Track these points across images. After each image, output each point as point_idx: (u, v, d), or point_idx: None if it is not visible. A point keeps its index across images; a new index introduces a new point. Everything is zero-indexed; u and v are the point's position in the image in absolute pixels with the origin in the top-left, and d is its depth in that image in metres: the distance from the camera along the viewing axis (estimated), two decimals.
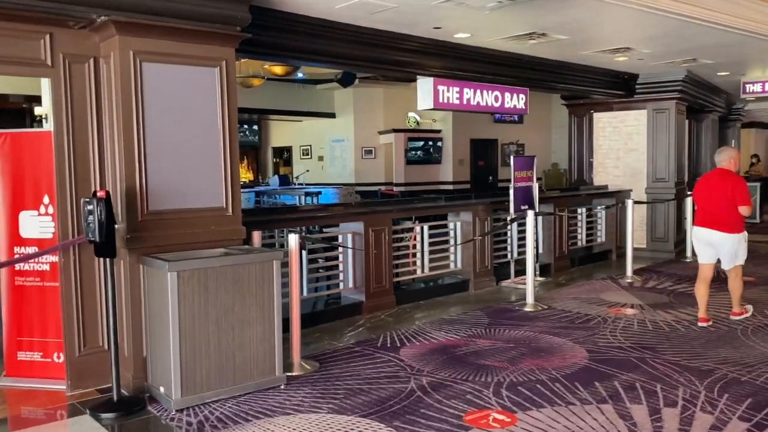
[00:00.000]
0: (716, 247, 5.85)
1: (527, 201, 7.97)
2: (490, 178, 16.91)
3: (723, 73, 10.10)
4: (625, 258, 10.10)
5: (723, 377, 4.44)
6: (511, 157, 7.79)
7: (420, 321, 6.22)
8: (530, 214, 6.70)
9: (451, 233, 7.59)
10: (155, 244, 4.32)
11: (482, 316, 6.38)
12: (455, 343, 5.42)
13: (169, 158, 4.41)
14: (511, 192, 7.72)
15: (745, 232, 5.84)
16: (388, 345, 5.38)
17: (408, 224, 7.45)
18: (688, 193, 10.10)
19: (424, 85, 7.06)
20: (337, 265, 6.55)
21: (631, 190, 10.30)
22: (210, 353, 4.12)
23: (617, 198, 10.07)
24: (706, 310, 5.94)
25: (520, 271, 8.15)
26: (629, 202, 8.39)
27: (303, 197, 11.58)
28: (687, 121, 11.23)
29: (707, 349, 5.14)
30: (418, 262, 7.31)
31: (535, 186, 8.07)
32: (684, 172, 10.73)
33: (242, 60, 11.13)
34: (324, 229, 7.05)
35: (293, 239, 4.84)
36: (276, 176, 15.80)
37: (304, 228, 6.75)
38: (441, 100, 7.09)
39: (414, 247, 7.33)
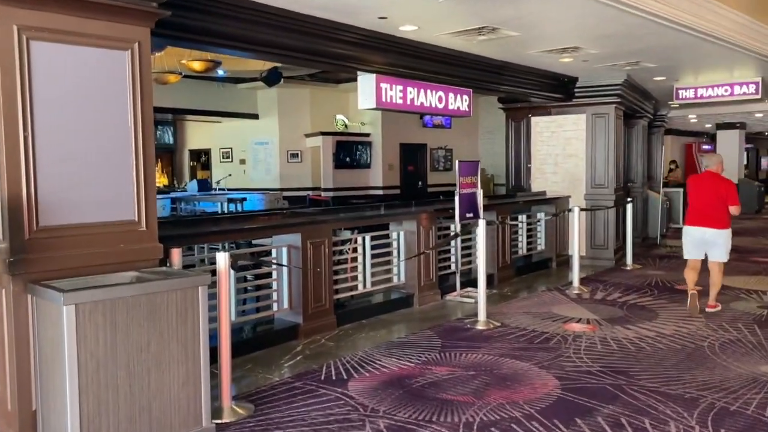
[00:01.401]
0: (708, 244, 6.36)
1: (472, 208, 7.46)
2: (420, 183, 16.48)
3: (659, 78, 10.01)
4: (566, 266, 9.90)
5: (710, 407, 4.02)
6: (457, 162, 7.25)
7: (365, 345, 5.54)
8: (481, 223, 6.16)
9: (394, 244, 6.97)
10: (48, 268, 3.44)
11: (433, 336, 5.78)
12: (409, 372, 4.78)
13: (65, 161, 3.54)
14: (457, 199, 7.19)
15: (731, 229, 6.38)
16: (334, 377, 4.67)
17: (347, 235, 6.77)
18: (629, 200, 9.96)
19: (366, 82, 6.41)
20: (270, 284, 5.77)
21: (569, 197, 10.05)
22: (119, 404, 3.29)
23: (556, 204, 9.79)
24: (695, 285, 6.58)
25: (465, 283, 7.66)
26: (576, 209, 8.04)
27: (225, 204, 10.65)
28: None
29: (681, 371, 4.73)
30: (360, 277, 6.63)
31: (480, 193, 7.58)
32: (621, 178, 10.58)
33: (156, 54, 10.13)
34: (253, 242, 6.24)
35: (222, 259, 4.05)
36: (194, 181, 14.71)
37: (231, 243, 5.94)
38: (384, 100, 6.46)
39: (354, 260, 6.65)
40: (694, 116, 17.53)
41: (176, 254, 4.08)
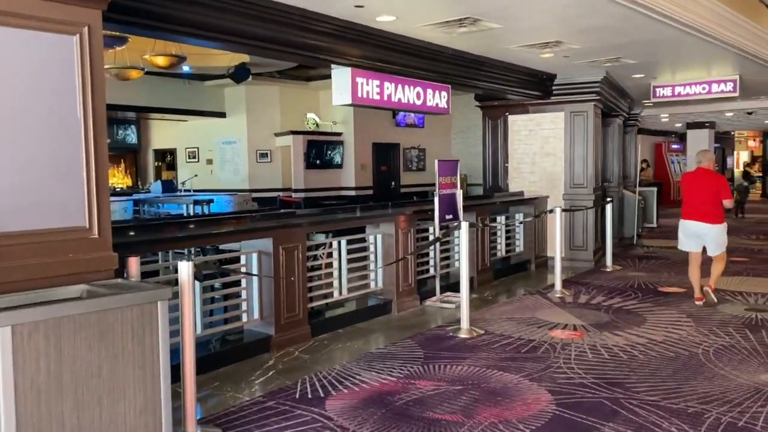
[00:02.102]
0: (702, 237, 6.65)
1: (451, 210, 7.15)
2: (393, 183, 16.15)
3: (637, 76, 9.84)
4: (545, 268, 9.67)
5: (717, 423, 3.74)
6: (435, 161, 6.92)
7: (343, 357, 5.17)
8: (464, 225, 5.84)
9: (371, 248, 6.60)
10: None
11: (415, 346, 5.44)
12: (392, 387, 4.42)
13: (2, 160, 3.09)
14: (436, 200, 6.86)
15: (726, 223, 6.68)
16: (310, 395, 4.29)
17: (321, 239, 6.39)
18: (608, 200, 9.76)
19: (340, 76, 6.03)
20: (240, 293, 5.36)
21: (547, 197, 9.82)
22: None
23: (534, 205, 9.53)
24: (700, 290, 6.80)
25: (444, 287, 7.34)
26: (557, 210, 7.78)
27: (191, 206, 10.15)
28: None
29: (679, 382, 4.46)
30: (335, 283, 6.25)
31: (459, 193, 7.27)
32: (600, 177, 10.38)
33: (116, 48, 9.60)
34: (221, 247, 5.82)
35: (185, 268, 3.64)
36: (158, 182, 14.12)
37: (196, 249, 5.52)
38: (360, 95, 6.09)
39: (330, 266, 6.26)
40: (666, 115, 17.53)
41: (134, 264, 3.64)
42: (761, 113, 17.29)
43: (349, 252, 6.31)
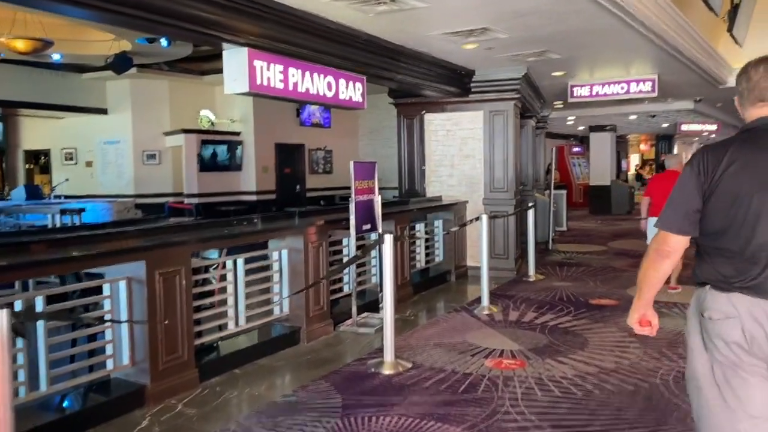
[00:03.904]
0: None
1: (369, 218, 6.21)
2: (298, 187, 15.04)
3: (557, 74, 9.33)
4: (465, 279, 8.95)
5: None
6: (351, 163, 5.95)
7: (240, 411, 4.09)
8: (388, 239, 4.90)
9: (276, 266, 5.53)
10: None
11: (330, 390, 4.43)
12: None
13: None
14: (352, 207, 5.90)
15: None
16: None
17: (213, 257, 5.26)
18: (531, 204, 9.17)
19: (234, 58, 4.93)
20: (102, 333, 4.14)
21: (467, 202, 9.11)
22: None
23: (454, 211, 8.79)
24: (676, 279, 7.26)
25: (360, 307, 6.40)
26: (484, 218, 7.02)
27: (58, 216, 8.62)
28: None
29: (650, 427, 3.73)
30: (230, 312, 5.12)
31: (378, 200, 6.34)
32: (519, 180, 9.79)
33: None
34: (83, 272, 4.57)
35: (1, 319, 2.48)
36: (21, 187, 12.26)
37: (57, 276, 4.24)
38: (259, 82, 5.01)
39: (223, 290, 5.14)
40: (572, 118, 17.49)
41: None
42: (661, 117, 17.62)
43: (247, 273, 5.21)
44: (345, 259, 6.37)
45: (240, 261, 5.13)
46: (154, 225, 5.06)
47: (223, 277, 5.16)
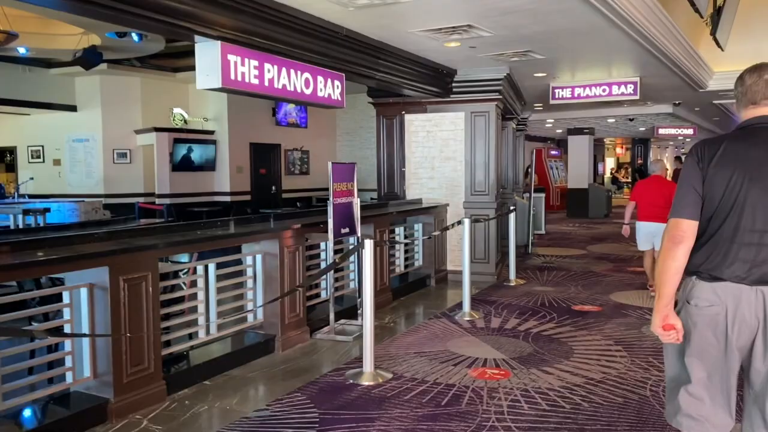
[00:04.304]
0: (655, 236, 7.03)
1: (348, 222, 5.98)
2: (273, 188, 14.73)
3: (539, 75, 9.20)
4: (445, 283, 8.77)
5: None
6: (329, 164, 5.71)
7: (210, 427, 3.83)
8: (368, 244, 4.67)
9: (249, 272, 5.27)
10: None
11: (306, 403, 4.19)
12: None
13: None
14: (330, 210, 5.66)
15: None
16: None
17: (183, 261, 4.99)
18: (512, 207, 9.02)
19: (206, 51, 4.66)
20: (62, 344, 3.86)
21: (447, 205, 8.93)
22: None
23: (434, 214, 8.60)
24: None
25: (338, 313, 6.18)
26: (466, 222, 6.83)
27: (21, 216, 8.24)
28: None
29: None
30: (201, 320, 4.85)
31: (357, 202, 6.12)
32: (500, 183, 9.64)
33: None
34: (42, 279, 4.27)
35: None
36: None
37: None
38: (233, 77, 4.75)
39: (194, 297, 4.86)
40: (551, 121, 17.45)
41: None
42: (639, 120, 17.66)
43: (220, 278, 4.95)
44: (323, 264, 6.13)
45: (212, 266, 4.86)
46: (120, 227, 4.76)
47: (193, 283, 4.88)
